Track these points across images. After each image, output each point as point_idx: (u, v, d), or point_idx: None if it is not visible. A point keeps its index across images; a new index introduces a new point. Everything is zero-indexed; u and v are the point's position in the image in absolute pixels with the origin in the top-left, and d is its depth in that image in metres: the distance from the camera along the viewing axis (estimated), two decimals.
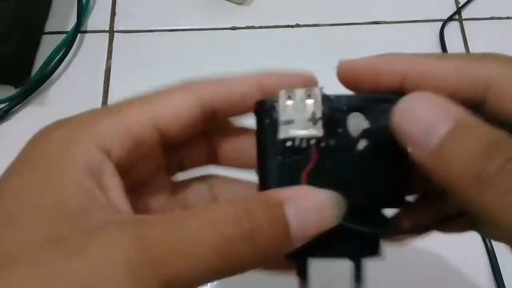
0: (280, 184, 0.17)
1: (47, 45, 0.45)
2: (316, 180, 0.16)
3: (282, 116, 0.17)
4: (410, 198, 0.19)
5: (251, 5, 0.47)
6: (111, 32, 0.46)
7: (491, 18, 0.46)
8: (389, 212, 0.19)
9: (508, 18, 0.47)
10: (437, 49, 0.45)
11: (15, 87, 0.43)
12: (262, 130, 0.17)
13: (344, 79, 0.19)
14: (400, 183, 0.17)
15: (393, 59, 0.18)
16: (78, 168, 0.15)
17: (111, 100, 0.43)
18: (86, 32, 0.46)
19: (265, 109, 0.17)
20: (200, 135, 0.19)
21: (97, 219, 0.14)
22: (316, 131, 0.17)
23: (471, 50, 0.45)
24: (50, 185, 0.15)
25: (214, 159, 0.21)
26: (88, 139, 0.16)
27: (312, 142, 0.17)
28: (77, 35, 0.45)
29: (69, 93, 0.43)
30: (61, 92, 0.44)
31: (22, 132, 0.42)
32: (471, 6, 0.47)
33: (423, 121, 0.14)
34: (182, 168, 0.20)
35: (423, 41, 0.46)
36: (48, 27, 0.46)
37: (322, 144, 0.17)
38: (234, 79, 0.19)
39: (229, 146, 0.20)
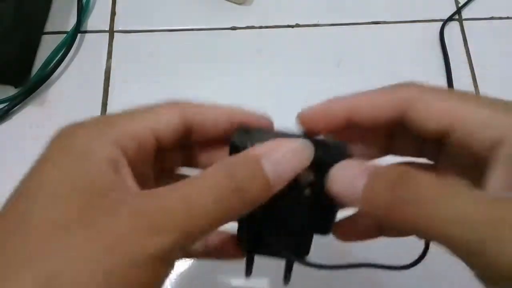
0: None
1: (47, 45, 0.45)
2: (265, 210, 0.21)
3: None
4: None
5: (251, 5, 0.47)
6: (111, 32, 0.46)
7: (491, 18, 0.46)
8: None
9: (508, 18, 0.47)
10: (437, 49, 0.45)
11: (15, 87, 0.43)
12: None
13: (303, 126, 0.23)
14: (329, 218, 0.23)
15: (335, 105, 0.23)
16: (101, 159, 0.19)
17: (111, 100, 0.43)
18: (86, 32, 0.46)
19: (237, 149, 0.21)
20: (183, 143, 0.23)
21: (122, 195, 0.19)
22: None
23: (471, 50, 0.45)
24: (80, 169, 0.19)
25: (192, 163, 0.25)
26: (107, 137, 0.20)
27: None
28: (77, 35, 0.45)
29: (69, 93, 0.43)
30: (61, 92, 0.44)
31: (22, 132, 0.42)
32: (471, 6, 0.47)
33: (348, 182, 0.20)
34: (164, 169, 0.24)
35: (423, 41, 0.46)
36: (48, 27, 0.46)
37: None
38: (211, 109, 0.23)
39: (204, 154, 0.25)
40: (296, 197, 0.22)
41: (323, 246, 0.24)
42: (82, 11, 0.46)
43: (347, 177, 0.20)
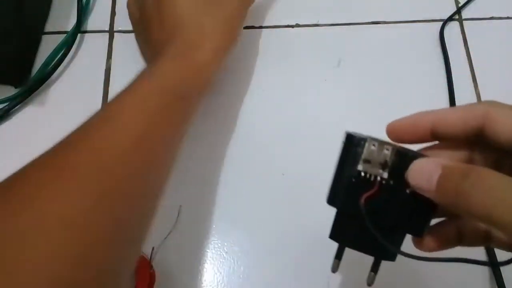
0: (345, 195, 0.24)
1: (47, 45, 0.45)
2: (370, 202, 0.24)
3: (364, 155, 0.24)
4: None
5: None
6: (111, 32, 0.46)
7: (491, 18, 0.46)
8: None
9: (508, 18, 0.47)
10: (437, 49, 0.45)
11: (15, 87, 0.43)
12: (346, 155, 0.25)
13: (391, 135, 0.26)
14: (424, 220, 0.25)
15: (422, 117, 0.25)
16: None
17: None
18: (86, 32, 0.46)
19: (354, 143, 0.24)
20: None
21: None
22: (384, 174, 0.24)
23: (471, 50, 0.45)
24: None
25: None
26: None
27: (378, 179, 0.24)
28: (77, 35, 0.45)
29: (69, 93, 0.43)
30: (61, 92, 0.44)
31: (22, 132, 0.42)
32: (471, 6, 0.47)
33: (426, 174, 0.23)
34: None
35: (423, 41, 0.46)
36: (48, 27, 0.46)
37: (383, 182, 0.24)
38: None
39: None
40: (397, 195, 0.24)
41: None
42: (82, 11, 0.46)
43: (425, 169, 0.23)
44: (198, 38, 0.35)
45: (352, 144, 0.24)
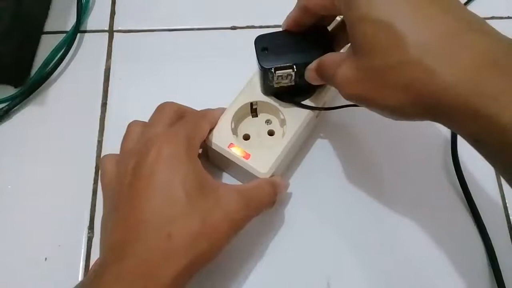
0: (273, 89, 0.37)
1: (47, 45, 0.45)
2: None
3: (276, 80, 0.35)
4: None
5: (251, 5, 0.47)
6: (111, 31, 0.46)
7: (492, 17, 0.46)
8: None
9: (508, 17, 0.46)
10: None
11: (15, 87, 0.43)
12: (265, 77, 0.35)
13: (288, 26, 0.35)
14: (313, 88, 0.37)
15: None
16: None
17: (111, 99, 0.43)
18: (85, 31, 0.46)
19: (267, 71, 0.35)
20: None
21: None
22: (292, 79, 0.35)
23: None
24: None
25: None
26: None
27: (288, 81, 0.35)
28: (76, 35, 0.45)
29: (68, 93, 0.43)
30: (60, 92, 0.43)
31: (22, 132, 0.42)
32: (471, 5, 0.47)
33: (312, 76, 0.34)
34: None
35: None
36: (48, 27, 0.46)
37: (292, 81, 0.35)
38: None
39: None
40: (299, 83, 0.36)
41: None
42: (82, 10, 0.46)
43: (311, 75, 0.34)
44: (158, 257, 0.28)
45: (266, 71, 0.34)
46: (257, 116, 0.39)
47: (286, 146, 0.36)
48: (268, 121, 0.38)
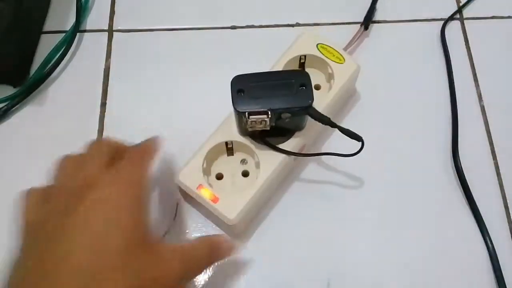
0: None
1: (46, 45, 0.45)
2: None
3: (249, 124, 0.34)
4: None
5: (251, 5, 0.47)
6: (110, 31, 0.46)
7: (493, 17, 0.46)
8: None
9: (509, 17, 0.46)
10: (438, 49, 0.45)
11: (14, 87, 0.43)
12: (239, 117, 0.34)
13: None
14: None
15: None
16: None
17: (110, 99, 0.43)
18: (85, 31, 0.46)
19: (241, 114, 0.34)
20: None
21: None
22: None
23: (472, 49, 0.45)
24: None
25: None
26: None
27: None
28: (76, 35, 0.45)
29: (68, 93, 0.43)
30: (60, 91, 0.43)
31: (21, 131, 0.42)
32: (472, 5, 0.47)
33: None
34: None
35: (424, 40, 0.45)
36: (47, 27, 0.46)
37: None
38: None
39: None
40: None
41: None
42: (81, 10, 0.46)
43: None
44: None
45: (240, 115, 0.33)
46: (233, 154, 0.37)
47: (258, 190, 0.34)
48: (243, 161, 0.37)
